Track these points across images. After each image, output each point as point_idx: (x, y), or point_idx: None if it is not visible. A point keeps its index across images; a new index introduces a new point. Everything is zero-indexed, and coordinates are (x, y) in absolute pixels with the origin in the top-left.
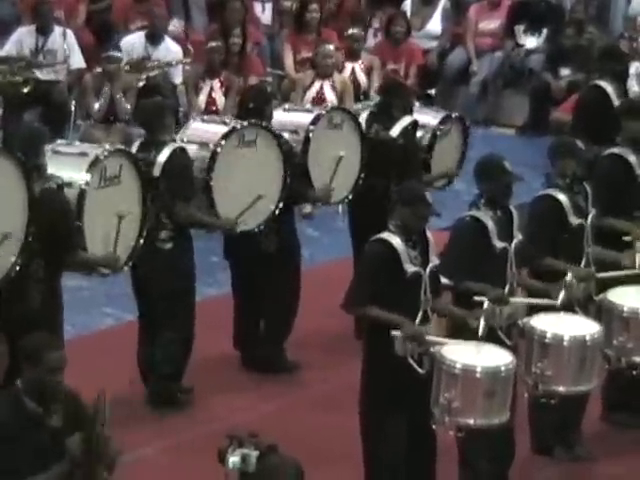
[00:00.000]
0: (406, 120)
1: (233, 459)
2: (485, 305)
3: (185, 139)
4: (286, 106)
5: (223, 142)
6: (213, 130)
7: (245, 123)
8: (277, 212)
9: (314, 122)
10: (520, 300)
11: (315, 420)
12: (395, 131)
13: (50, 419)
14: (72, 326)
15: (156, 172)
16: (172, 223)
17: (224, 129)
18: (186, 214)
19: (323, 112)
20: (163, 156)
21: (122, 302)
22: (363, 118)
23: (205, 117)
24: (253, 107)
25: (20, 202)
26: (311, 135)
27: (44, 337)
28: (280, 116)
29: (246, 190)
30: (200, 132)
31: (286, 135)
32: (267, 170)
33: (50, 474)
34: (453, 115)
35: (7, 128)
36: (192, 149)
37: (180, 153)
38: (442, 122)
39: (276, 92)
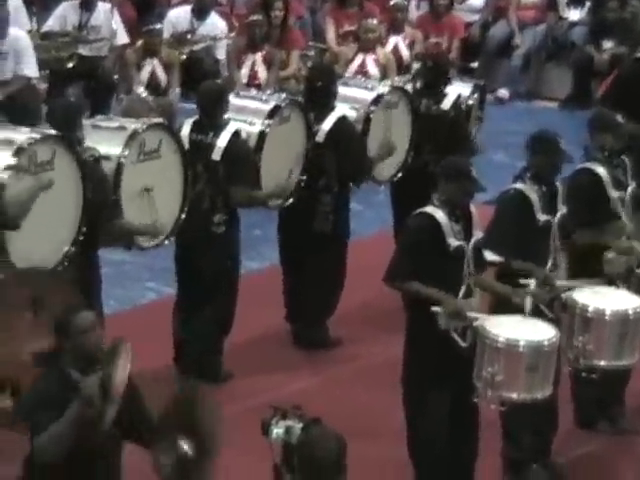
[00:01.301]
0: (454, 93)
1: (277, 431)
2: (531, 286)
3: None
4: (344, 80)
5: (269, 121)
6: (253, 107)
7: (285, 99)
8: (302, 184)
9: (375, 102)
10: (566, 283)
11: (358, 395)
12: (446, 105)
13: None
14: (114, 300)
15: (216, 156)
16: (227, 207)
17: (265, 107)
18: (244, 197)
19: (383, 92)
20: (223, 140)
21: (164, 276)
22: None
23: (240, 92)
24: (321, 86)
25: (75, 198)
26: (372, 116)
27: (70, 305)
28: (340, 89)
29: (280, 165)
30: (238, 108)
31: (348, 111)
32: (294, 145)
33: (63, 418)
34: (480, 83)
35: (51, 103)
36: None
37: (238, 137)
38: (473, 91)
39: None
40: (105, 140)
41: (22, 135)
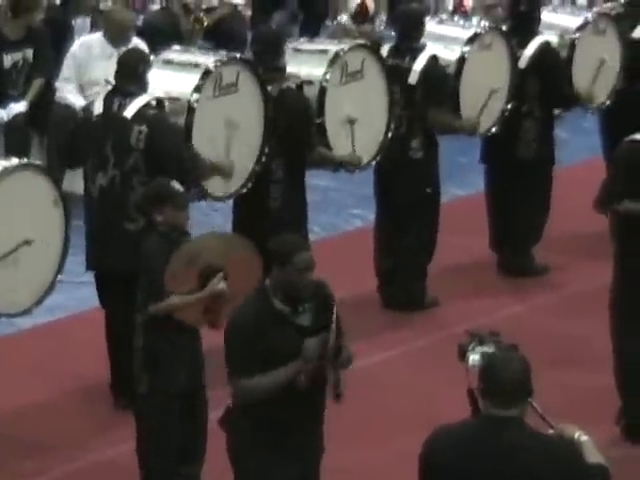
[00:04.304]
0: None
1: (473, 357)
2: None
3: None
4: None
5: (468, 48)
6: (453, 34)
7: (486, 27)
8: (506, 113)
9: (581, 28)
10: None
11: (563, 322)
12: (638, 33)
13: (298, 318)
14: (319, 226)
15: (412, 80)
16: (423, 131)
17: (465, 33)
18: (439, 120)
19: (590, 18)
20: (419, 64)
21: (370, 203)
22: None
23: (442, 20)
24: (524, 11)
25: (257, 119)
26: (577, 42)
27: (293, 238)
28: (545, 16)
29: (481, 89)
30: (438, 36)
31: (551, 38)
32: (497, 72)
33: (281, 370)
34: None
35: (255, 30)
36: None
37: (435, 61)
38: None
39: None
40: (307, 64)
41: (208, 59)
